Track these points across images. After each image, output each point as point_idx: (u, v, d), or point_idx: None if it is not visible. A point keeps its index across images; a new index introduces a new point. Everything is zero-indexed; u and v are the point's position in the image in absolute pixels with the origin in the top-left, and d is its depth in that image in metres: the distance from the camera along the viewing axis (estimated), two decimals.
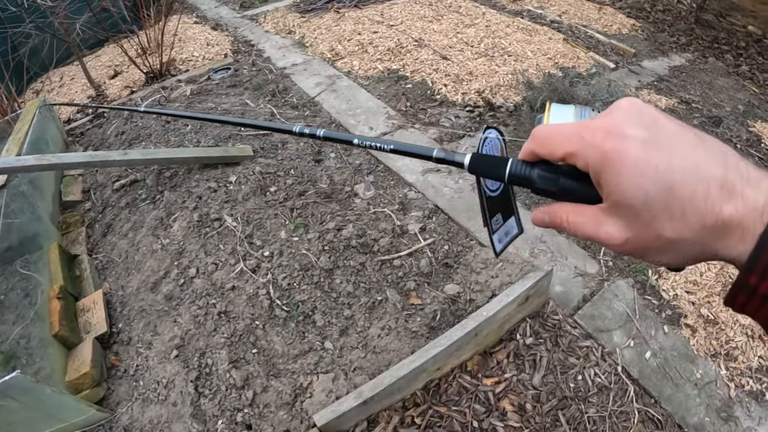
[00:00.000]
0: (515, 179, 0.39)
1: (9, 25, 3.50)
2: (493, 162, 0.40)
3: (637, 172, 0.29)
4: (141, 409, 1.72)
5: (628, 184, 0.29)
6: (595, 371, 1.76)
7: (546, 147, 0.35)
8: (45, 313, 1.93)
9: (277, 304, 1.93)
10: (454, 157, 0.43)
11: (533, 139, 0.37)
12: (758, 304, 0.28)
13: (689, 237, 0.29)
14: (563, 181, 0.36)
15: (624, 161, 0.29)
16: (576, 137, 0.33)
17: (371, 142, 0.50)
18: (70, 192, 2.69)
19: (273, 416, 1.64)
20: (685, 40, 4.27)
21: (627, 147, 0.30)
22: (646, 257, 0.33)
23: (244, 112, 3.17)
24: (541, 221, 0.38)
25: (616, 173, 0.30)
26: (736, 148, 2.90)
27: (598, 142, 0.31)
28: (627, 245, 0.32)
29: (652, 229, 0.30)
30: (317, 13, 4.67)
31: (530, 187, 0.38)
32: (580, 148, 0.32)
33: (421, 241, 2.16)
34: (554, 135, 0.35)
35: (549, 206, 0.38)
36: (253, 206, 2.36)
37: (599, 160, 0.31)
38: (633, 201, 0.30)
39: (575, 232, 0.35)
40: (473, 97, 3.23)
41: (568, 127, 0.34)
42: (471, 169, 0.42)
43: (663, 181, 0.29)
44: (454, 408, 1.65)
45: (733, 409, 1.69)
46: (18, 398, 1.46)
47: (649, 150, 0.29)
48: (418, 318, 1.87)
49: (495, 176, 0.40)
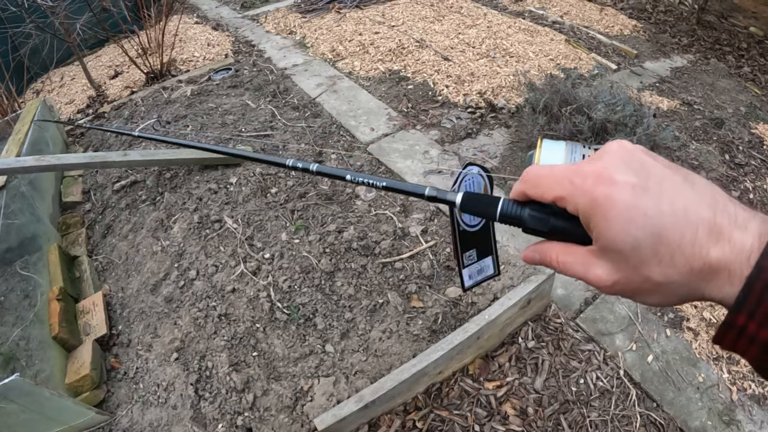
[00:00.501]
0: (506, 218, 0.39)
1: (9, 25, 3.49)
2: (484, 201, 0.41)
3: (626, 218, 0.30)
4: (141, 411, 1.71)
5: (617, 230, 0.30)
6: (597, 375, 1.75)
7: (537, 190, 0.36)
8: (45, 314, 1.93)
9: (278, 307, 1.93)
10: (446, 196, 0.43)
11: (524, 180, 0.37)
12: (746, 343, 0.29)
13: (677, 280, 0.30)
14: (553, 221, 0.37)
15: (613, 207, 0.30)
16: (567, 182, 0.33)
17: (364, 178, 0.49)
18: (70, 193, 2.69)
19: (273, 420, 1.63)
20: (687, 42, 4.26)
21: (616, 193, 0.30)
22: (635, 298, 0.33)
23: (245, 112, 3.16)
24: (531, 259, 0.39)
25: (606, 219, 0.31)
26: (738, 150, 2.91)
27: (588, 188, 0.32)
28: (615, 287, 0.33)
29: (640, 272, 0.31)
30: (318, 14, 4.67)
31: (521, 226, 0.39)
32: (570, 193, 0.33)
33: (422, 244, 2.15)
34: (545, 178, 0.35)
35: (539, 245, 0.38)
36: (254, 208, 2.35)
37: (589, 205, 0.31)
38: (622, 246, 0.30)
39: (564, 272, 0.36)
40: (475, 99, 3.23)
41: (559, 171, 0.34)
42: (462, 208, 0.42)
43: (652, 226, 0.29)
44: (455, 412, 1.64)
45: (735, 413, 1.69)
46: (17, 401, 1.45)
47: (638, 195, 0.30)
48: (419, 321, 1.86)
49: (486, 215, 0.41)
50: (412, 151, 2.81)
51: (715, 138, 3.00)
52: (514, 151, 2.82)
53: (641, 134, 2.31)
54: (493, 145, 2.88)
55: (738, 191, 2.64)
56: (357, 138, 2.93)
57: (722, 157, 2.86)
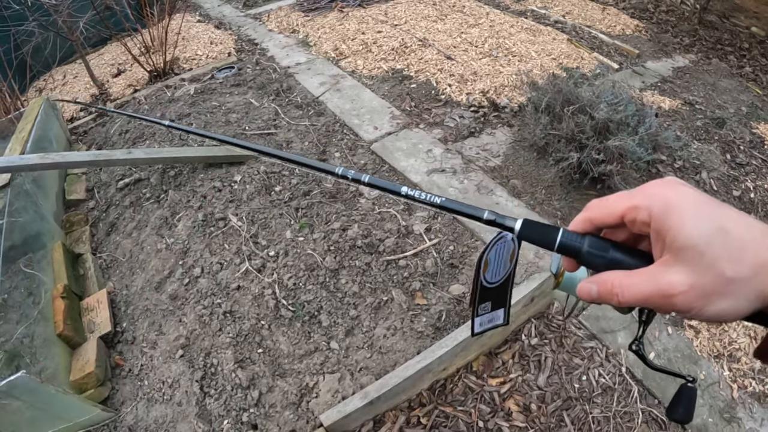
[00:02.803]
0: (565, 248, 0.40)
1: (12, 24, 3.49)
2: (544, 229, 0.41)
3: (698, 216, 0.33)
4: (146, 408, 1.72)
5: (693, 224, 0.33)
6: (599, 372, 1.76)
7: (605, 209, 0.38)
8: (49, 312, 1.93)
9: (283, 304, 1.93)
10: (505, 221, 0.43)
11: (589, 208, 0.40)
12: None
13: (746, 274, 0.32)
14: (612, 252, 0.38)
15: (686, 206, 0.34)
16: (638, 192, 0.37)
17: (419, 194, 0.48)
18: (73, 191, 2.69)
19: (279, 416, 1.64)
20: (689, 41, 4.27)
21: (686, 195, 0.34)
22: (706, 306, 0.33)
23: (248, 111, 3.17)
24: (587, 292, 0.38)
25: (681, 216, 0.33)
26: (739, 150, 2.92)
27: (661, 192, 0.35)
28: (690, 292, 0.33)
29: (714, 269, 0.32)
30: (321, 12, 4.67)
31: (577, 257, 0.39)
32: (642, 200, 0.36)
33: (426, 242, 2.16)
34: (612, 197, 0.38)
35: (596, 276, 0.38)
36: (258, 206, 2.35)
37: (663, 207, 0.34)
38: (698, 240, 0.32)
39: (628, 296, 0.36)
40: (478, 98, 3.23)
41: (623, 192, 0.38)
42: (521, 235, 0.42)
43: (719, 224, 0.33)
44: (459, 408, 1.65)
45: (736, 411, 1.70)
46: (22, 398, 1.46)
47: (701, 200, 0.34)
48: (423, 318, 1.87)
49: (545, 244, 0.41)
50: (415, 149, 2.82)
51: (716, 138, 3.01)
52: (516, 150, 2.83)
53: (643, 134, 2.31)
54: (495, 144, 2.89)
55: (739, 191, 2.65)
56: (360, 136, 2.94)
57: (723, 156, 2.87)
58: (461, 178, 2.60)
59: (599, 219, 0.38)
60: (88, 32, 3.51)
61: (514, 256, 0.50)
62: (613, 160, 2.30)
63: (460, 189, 2.53)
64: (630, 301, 0.36)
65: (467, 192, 2.51)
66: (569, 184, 2.54)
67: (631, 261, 0.37)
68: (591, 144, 2.34)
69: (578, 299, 0.41)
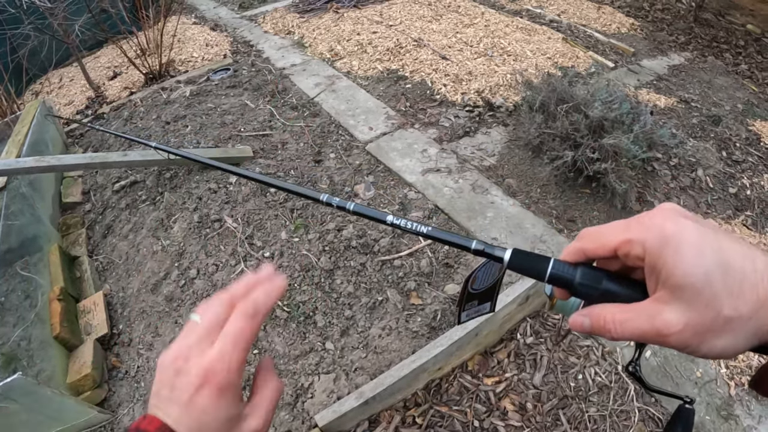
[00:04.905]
0: (555, 279, 0.38)
1: (8, 27, 3.50)
2: (534, 260, 0.40)
3: (696, 251, 0.31)
4: (142, 410, 1.72)
5: (690, 262, 0.31)
6: (595, 370, 1.76)
7: (597, 240, 0.36)
8: (45, 314, 1.93)
9: (278, 305, 1.94)
10: (494, 251, 0.42)
11: (581, 237, 0.37)
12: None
13: (746, 312, 0.31)
14: (606, 283, 0.36)
15: (684, 242, 0.31)
16: (633, 223, 0.34)
17: (405, 224, 0.48)
18: (70, 193, 2.69)
19: (274, 417, 1.64)
20: (684, 39, 4.27)
21: (685, 229, 0.32)
22: (702, 343, 0.32)
23: (243, 112, 3.17)
24: (579, 324, 0.37)
25: (678, 252, 0.31)
26: (735, 147, 2.92)
27: (657, 224, 0.33)
28: (686, 331, 0.32)
29: (711, 307, 0.31)
30: (316, 14, 4.67)
31: (569, 287, 0.38)
32: (637, 234, 0.34)
33: (421, 241, 2.16)
34: (607, 227, 0.36)
35: (589, 308, 0.37)
36: (254, 207, 2.36)
37: (659, 242, 0.32)
38: (695, 278, 0.31)
39: (621, 332, 0.34)
40: (473, 97, 3.24)
41: (619, 222, 0.36)
42: (510, 266, 0.41)
43: (719, 258, 0.31)
44: (455, 407, 1.65)
45: (733, 408, 1.70)
46: (19, 400, 1.46)
47: (702, 233, 0.32)
48: (418, 318, 1.87)
49: (534, 274, 0.39)
50: (410, 149, 2.82)
51: (712, 135, 3.01)
52: (511, 149, 2.83)
53: (638, 132, 2.32)
54: (491, 143, 2.89)
55: (735, 188, 2.65)
56: (355, 137, 2.94)
57: (719, 154, 2.87)
58: (456, 178, 2.60)
59: (592, 251, 0.37)
60: (84, 35, 3.52)
61: (503, 269, 0.50)
62: (607, 158, 2.30)
63: (455, 188, 2.54)
64: (624, 337, 0.34)
65: (462, 191, 2.51)
66: (564, 182, 2.54)
67: (626, 293, 0.36)
68: (586, 142, 2.34)
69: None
